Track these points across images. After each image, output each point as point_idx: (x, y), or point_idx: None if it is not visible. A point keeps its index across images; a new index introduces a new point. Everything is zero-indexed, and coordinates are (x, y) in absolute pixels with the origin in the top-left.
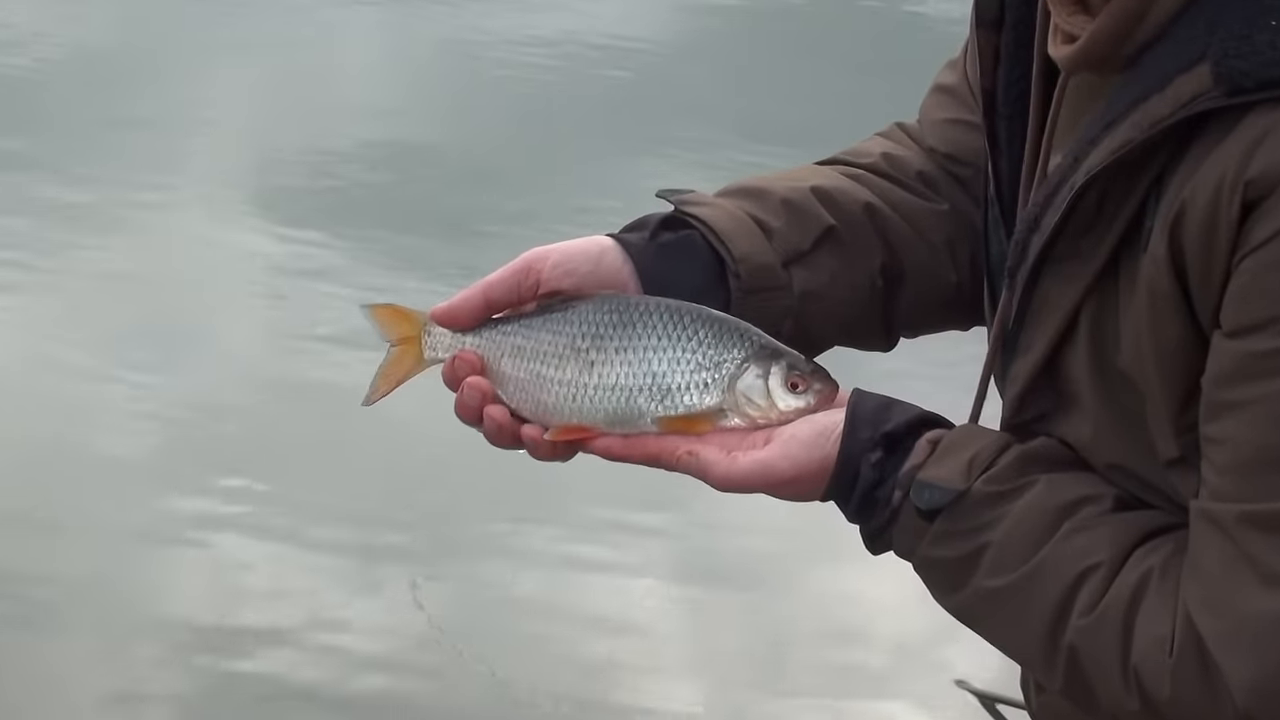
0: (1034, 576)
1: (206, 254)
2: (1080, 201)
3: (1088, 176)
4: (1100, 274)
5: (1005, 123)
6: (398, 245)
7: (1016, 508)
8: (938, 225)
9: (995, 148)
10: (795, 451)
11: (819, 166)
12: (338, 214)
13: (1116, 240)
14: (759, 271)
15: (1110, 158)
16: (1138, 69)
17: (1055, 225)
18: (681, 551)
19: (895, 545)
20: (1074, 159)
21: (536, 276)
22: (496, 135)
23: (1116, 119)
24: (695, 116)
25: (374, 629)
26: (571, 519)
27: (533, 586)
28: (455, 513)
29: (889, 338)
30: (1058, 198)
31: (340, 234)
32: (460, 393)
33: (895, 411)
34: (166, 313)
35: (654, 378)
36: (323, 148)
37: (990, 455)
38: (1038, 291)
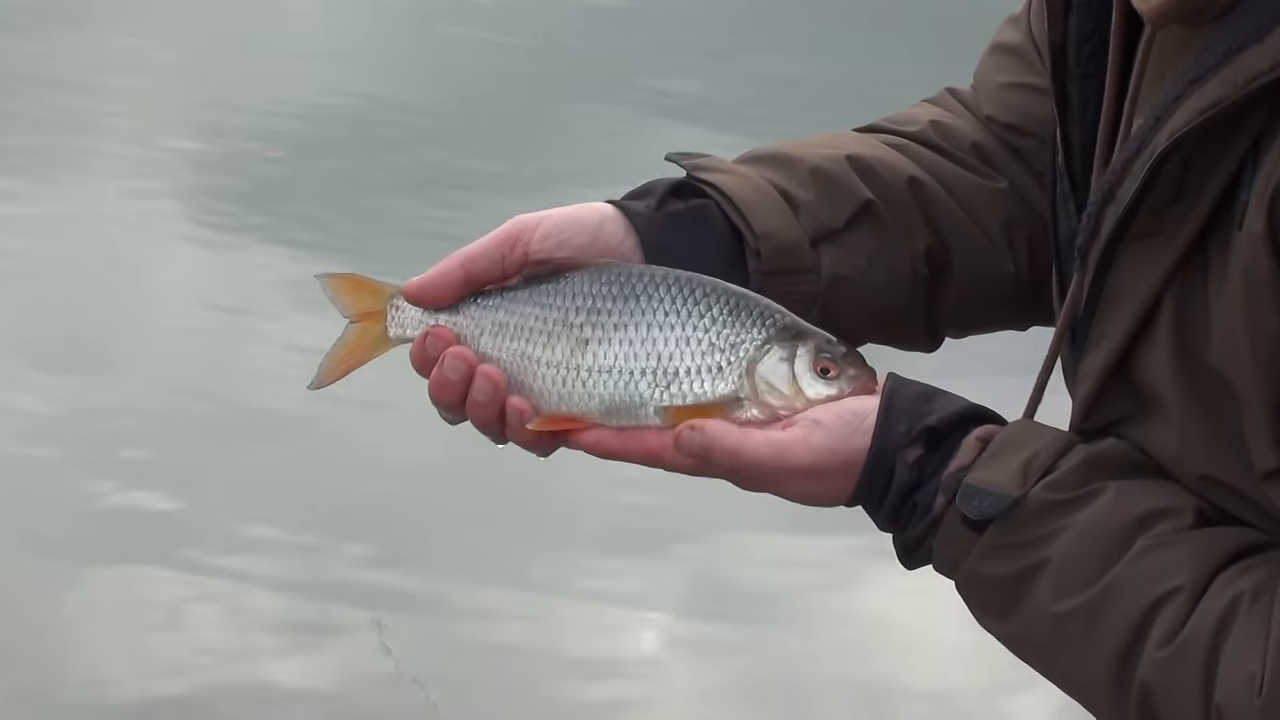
0: (1102, 601)
1: (126, 229)
2: (1162, 169)
3: (1171, 140)
4: (1185, 254)
5: (1077, 83)
6: (353, 216)
7: (1081, 519)
8: (993, 205)
9: (1065, 112)
10: (816, 440)
11: (856, 133)
12: (283, 184)
13: (1205, 215)
14: (783, 250)
15: (1198, 118)
16: (1232, 17)
17: (1133, 197)
18: (687, 580)
19: (935, 559)
20: (1155, 120)
21: (524, 248)
22: (467, 88)
23: (1205, 74)
24: (694, 71)
25: (332, 680)
26: (560, 541)
27: (516, 624)
28: (423, 538)
29: (932, 336)
30: (1136, 165)
31: (285, 206)
32: (439, 367)
33: (939, 403)
34: (77, 303)
35: (658, 359)
36: (270, 102)
37: (1050, 457)
38: (1112, 275)
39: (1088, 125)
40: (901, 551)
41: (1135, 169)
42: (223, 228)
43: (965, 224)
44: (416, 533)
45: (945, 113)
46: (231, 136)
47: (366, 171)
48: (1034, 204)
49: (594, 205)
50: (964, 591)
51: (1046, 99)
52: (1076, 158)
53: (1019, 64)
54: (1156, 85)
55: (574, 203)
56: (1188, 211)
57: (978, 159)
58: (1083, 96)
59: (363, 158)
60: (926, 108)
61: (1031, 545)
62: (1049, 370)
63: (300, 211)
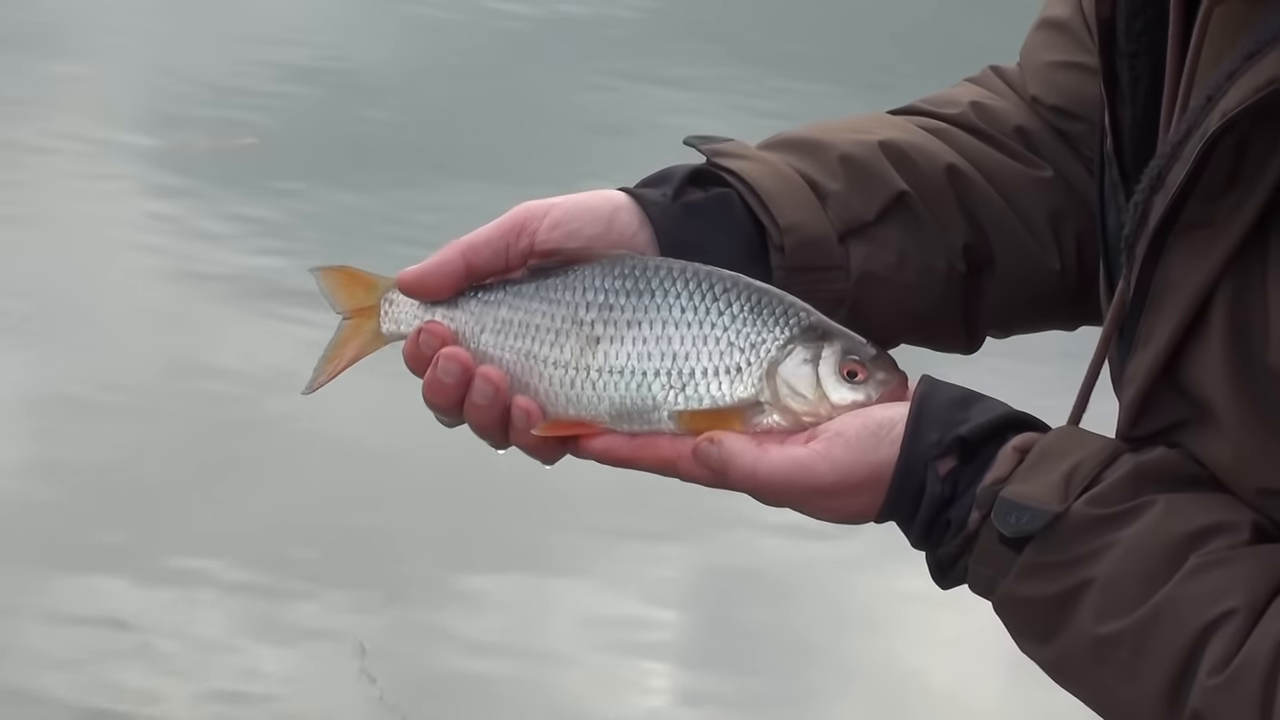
0: (1150, 624)
1: (83, 211)
2: (1213, 153)
3: (1224, 121)
4: (1241, 246)
5: (1127, 61)
6: (330, 202)
7: (1128, 536)
8: (1038, 196)
9: (1114, 92)
10: (840, 453)
11: (890, 116)
12: (255, 164)
13: (1262, 203)
14: (808, 245)
15: (1253, 97)
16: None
17: (1182, 183)
18: (696, 613)
19: (971, 580)
20: (1207, 99)
21: (530, 238)
22: (453, 62)
23: (1262, 49)
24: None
25: (308, 711)
26: (559, 563)
27: (507, 650)
28: (412, 554)
29: (971, 337)
30: (1186, 148)
31: (258, 189)
32: (434, 368)
33: (975, 409)
34: (26, 288)
35: (673, 359)
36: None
37: (1095, 467)
38: (1160, 268)
39: (1138, 107)
40: (935, 570)
41: (1185, 153)
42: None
43: (1007, 216)
44: (399, 546)
45: (988, 93)
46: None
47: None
48: (1083, 194)
49: (606, 193)
50: (1002, 613)
51: (1096, 79)
52: (1126, 142)
53: (1068, 41)
54: (1215, 64)
55: (574, 190)
56: (1243, 199)
57: (1022, 144)
58: (1133, 75)
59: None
60: (968, 87)
61: (1074, 564)
62: (1095, 373)
63: (278, 199)
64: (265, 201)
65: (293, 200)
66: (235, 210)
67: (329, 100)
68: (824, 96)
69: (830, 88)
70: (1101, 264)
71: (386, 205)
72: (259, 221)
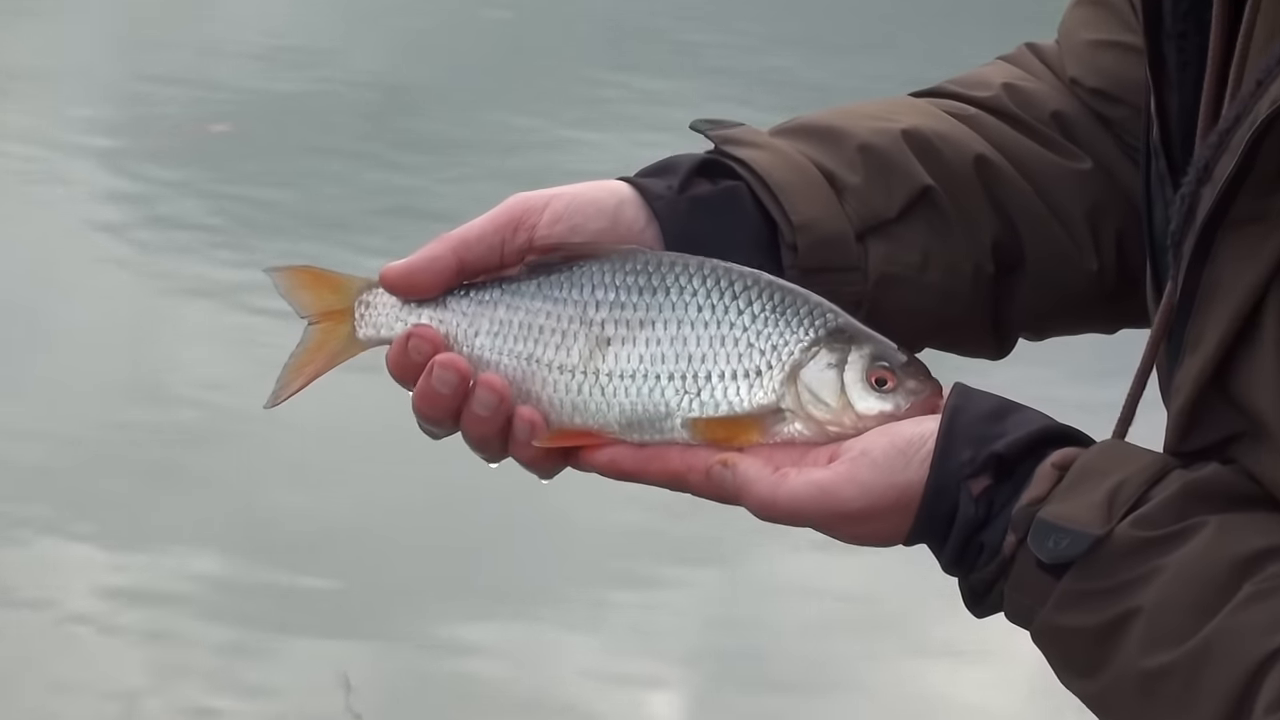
0: (1201, 657)
1: (37, 207)
2: (1264, 142)
3: (1274, 108)
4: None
5: (1174, 44)
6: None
7: (1176, 560)
8: (1075, 190)
9: (1161, 77)
10: (866, 475)
11: (915, 100)
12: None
13: None
14: (823, 243)
15: None
16: None
17: (1231, 175)
18: (711, 640)
19: (1007, 608)
20: (1257, 84)
21: (528, 233)
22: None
23: None
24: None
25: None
26: (558, 590)
27: (514, 683)
28: (401, 578)
29: (1000, 341)
30: (1235, 137)
31: (220, 185)
32: (428, 376)
33: (1011, 422)
34: None
35: (688, 361)
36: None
37: (1141, 485)
38: (1209, 268)
39: (1187, 93)
40: (968, 598)
41: (1233, 142)
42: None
43: (1041, 211)
44: (383, 571)
45: (1023, 74)
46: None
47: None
48: (1124, 187)
49: (609, 184)
50: (1042, 644)
51: (1141, 59)
52: (1175, 131)
53: (1110, 18)
54: (1267, 46)
55: (570, 179)
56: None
57: (1059, 132)
58: (1181, 59)
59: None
60: (1001, 67)
61: (1118, 592)
62: (1143, 382)
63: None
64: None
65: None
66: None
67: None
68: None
69: None
70: (1148, 263)
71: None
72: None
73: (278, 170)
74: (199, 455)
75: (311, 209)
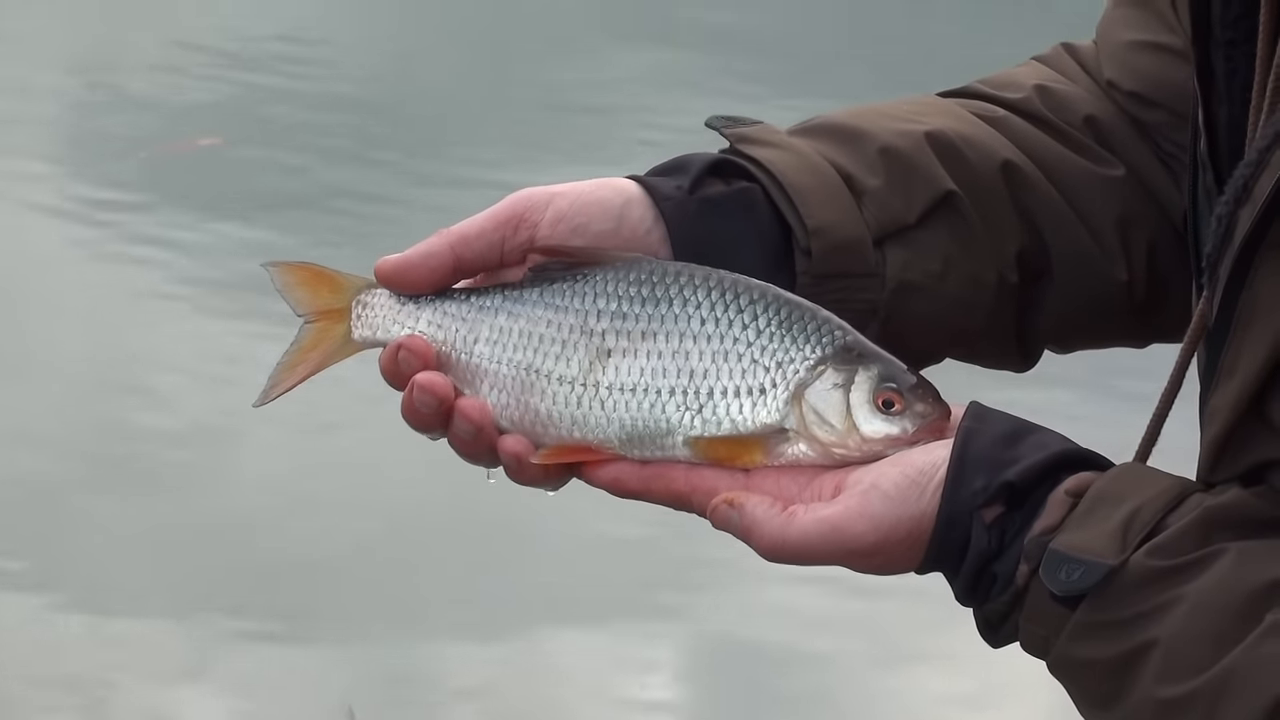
0: (1221, 690)
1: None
2: None
3: None
4: None
5: (1223, 51)
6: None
7: (1194, 590)
8: (1106, 199)
9: (1209, 87)
10: (876, 508)
11: (942, 100)
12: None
13: None
14: (839, 249)
15: None
16: None
17: (1270, 195)
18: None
19: (1023, 639)
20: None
21: (530, 231)
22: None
23: None
24: None
25: None
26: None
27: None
28: (409, 600)
29: (1024, 355)
30: (1275, 155)
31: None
32: (409, 395)
33: (1025, 446)
34: None
35: (690, 376)
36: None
37: (1157, 512)
38: (1247, 290)
39: (1236, 103)
40: (984, 629)
41: (1274, 160)
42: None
43: (1069, 221)
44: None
45: (1056, 76)
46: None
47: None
48: (1158, 196)
49: (616, 182)
50: (1059, 676)
51: (1183, 63)
52: (1223, 143)
53: (1150, 18)
54: None
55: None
56: None
57: (1092, 137)
58: (1230, 67)
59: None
60: (1035, 68)
61: (1134, 623)
62: (1169, 403)
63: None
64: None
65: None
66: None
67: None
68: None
69: None
70: (1194, 282)
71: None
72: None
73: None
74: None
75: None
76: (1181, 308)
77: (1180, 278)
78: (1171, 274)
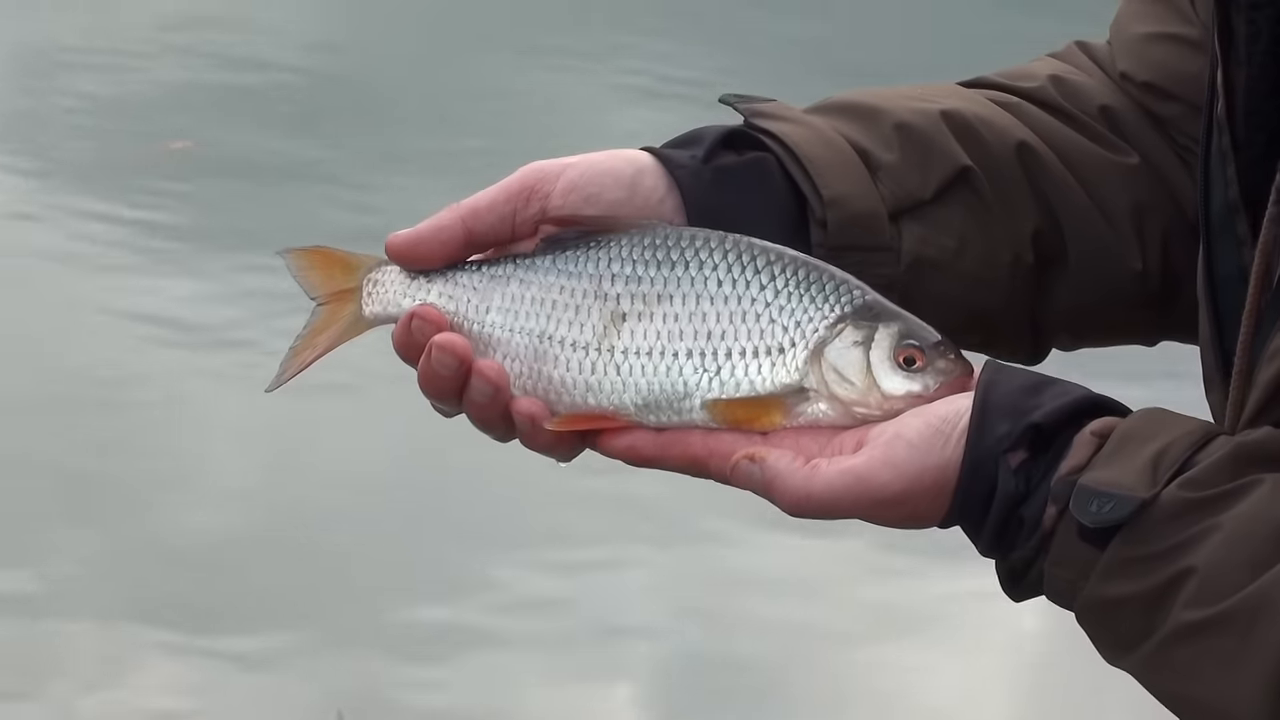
0: (1257, 611)
1: None
2: None
3: None
4: None
5: (1244, 14)
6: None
7: (1230, 519)
8: (1121, 185)
9: (1228, 50)
10: (902, 456)
11: (957, 87)
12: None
13: None
14: (855, 221)
15: None
16: None
17: None
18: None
19: (1048, 587)
20: None
21: (541, 203)
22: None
23: None
24: None
25: None
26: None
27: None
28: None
29: (1036, 342)
30: None
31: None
32: (426, 358)
33: (1048, 394)
34: None
35: (707, 337)
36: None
37: (1185, 450)
38: None
39: (1255, 67)
40: (1006, 580)
41: None
42: None
43: (1084, 205)
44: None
45: (1070, 68)
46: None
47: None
48: (1172, 189)
49: (628, 153)
50: (1086, 623)
51: (1197, 54)
52: (1240, 107)
53: (1165, 11)
54: None
55: None
56: None
57: (1106, 126)
58: (1252, 31)
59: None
60: (1048, 61)
61: (1168, 555)
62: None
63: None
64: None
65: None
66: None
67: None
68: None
69: None
70: (1202, 247)
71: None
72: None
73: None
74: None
75: None
76: (1193, 303)
77: (1192, 272)
78: (1184, 268)
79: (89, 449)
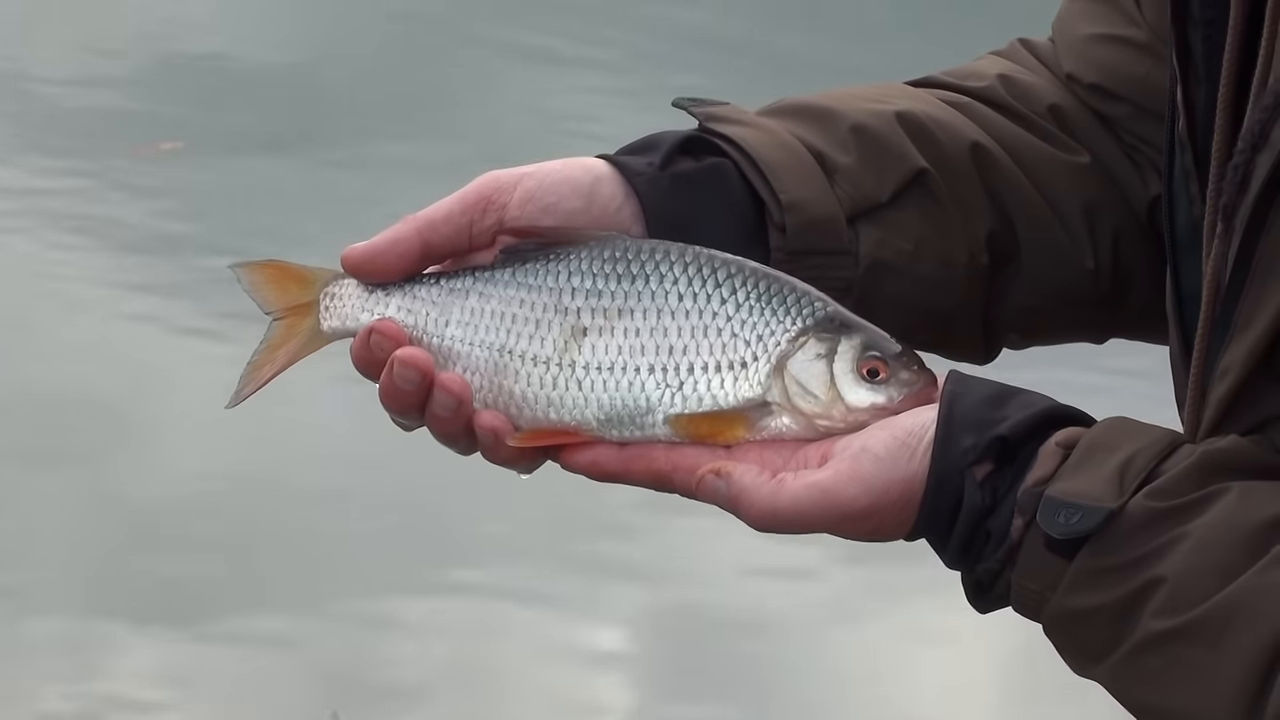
0: (1228, 618)
1: None
2: None
3: None
4: None
5: (1201, 31)
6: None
7: (1198, 527)
8: (1073, 184)
9: (1187, 69)
10: (868, 470)
11: (907, 87)
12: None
13: None
14: (813, 225)
15: None
16: None
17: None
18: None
19: (1015, 599)
20: None
21: (498, 213)
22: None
23: None
24: None
25: None
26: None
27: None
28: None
29: (988, 341)
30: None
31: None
32: (388, 373)
33: (1013, 405)
34: None
35: (669, 353)
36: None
37: (1151, 459)
38: (1265, 238)
39: (1215, 83)
40: (972, 592)
41: None
42: None
43: (1037, 205)
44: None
45: (1018, 67)
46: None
47: None
48: (1123, 187)
49: (584, 161)
50: (1054, 634)
51: (1143, 55)
52: (1200, 124)
53: (1109, 12)
54: None
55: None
56: None
57: (1056, 125)
58: (1208, 48)
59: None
60: (995, 60)
61: (1137, 564)
62: (1201, 369)
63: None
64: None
65: None
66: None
67: None
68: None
69: None
70: (1169, 265)
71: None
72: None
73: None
74: None
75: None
76: (1143, 301)
77: (1142, 270)
78: (1134, 266)
79: (63, 432)
